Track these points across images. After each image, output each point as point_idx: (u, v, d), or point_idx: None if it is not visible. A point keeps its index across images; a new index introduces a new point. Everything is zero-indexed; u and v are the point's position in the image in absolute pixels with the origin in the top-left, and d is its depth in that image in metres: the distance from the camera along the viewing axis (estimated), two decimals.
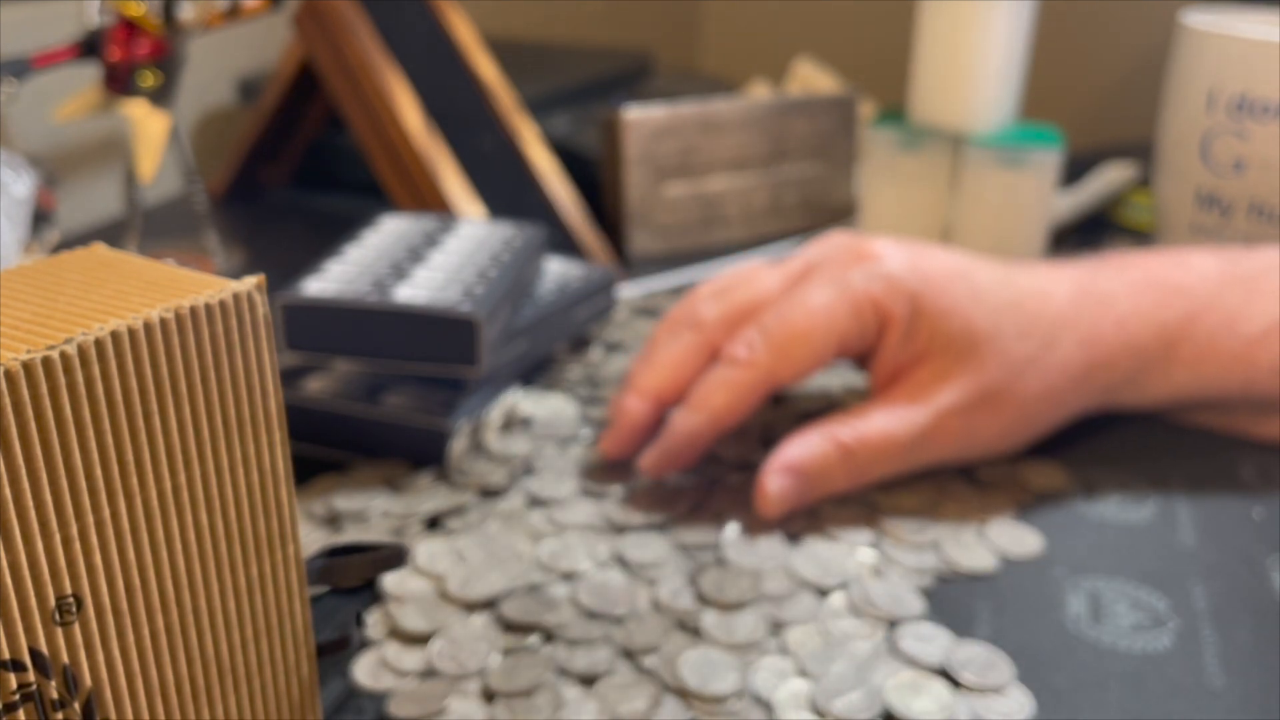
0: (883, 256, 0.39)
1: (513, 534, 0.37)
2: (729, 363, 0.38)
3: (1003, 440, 0.40)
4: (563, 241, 0.57)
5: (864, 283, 0.38)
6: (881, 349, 0.39)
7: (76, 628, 0.20)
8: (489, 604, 0.33)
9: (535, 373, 0.47)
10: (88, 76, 0.56)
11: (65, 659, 0.20)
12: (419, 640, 0.32)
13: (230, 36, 0.72)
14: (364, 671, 0.31)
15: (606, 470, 0.40)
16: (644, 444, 0.40)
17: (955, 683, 0.30)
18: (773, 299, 0.40)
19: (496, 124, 0.60)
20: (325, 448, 0.41)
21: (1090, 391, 0.40)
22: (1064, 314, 0.39)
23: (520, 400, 0.45)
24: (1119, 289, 0.40)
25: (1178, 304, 0.40)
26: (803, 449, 0.37)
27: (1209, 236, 0.56)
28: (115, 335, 0.20)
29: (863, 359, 0.41)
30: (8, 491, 0.19)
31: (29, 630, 0.19)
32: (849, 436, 0.38)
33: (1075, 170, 0.71)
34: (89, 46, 0.52)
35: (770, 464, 0.37)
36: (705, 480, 0.40)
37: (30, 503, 0.19)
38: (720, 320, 0.40)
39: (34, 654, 0.20)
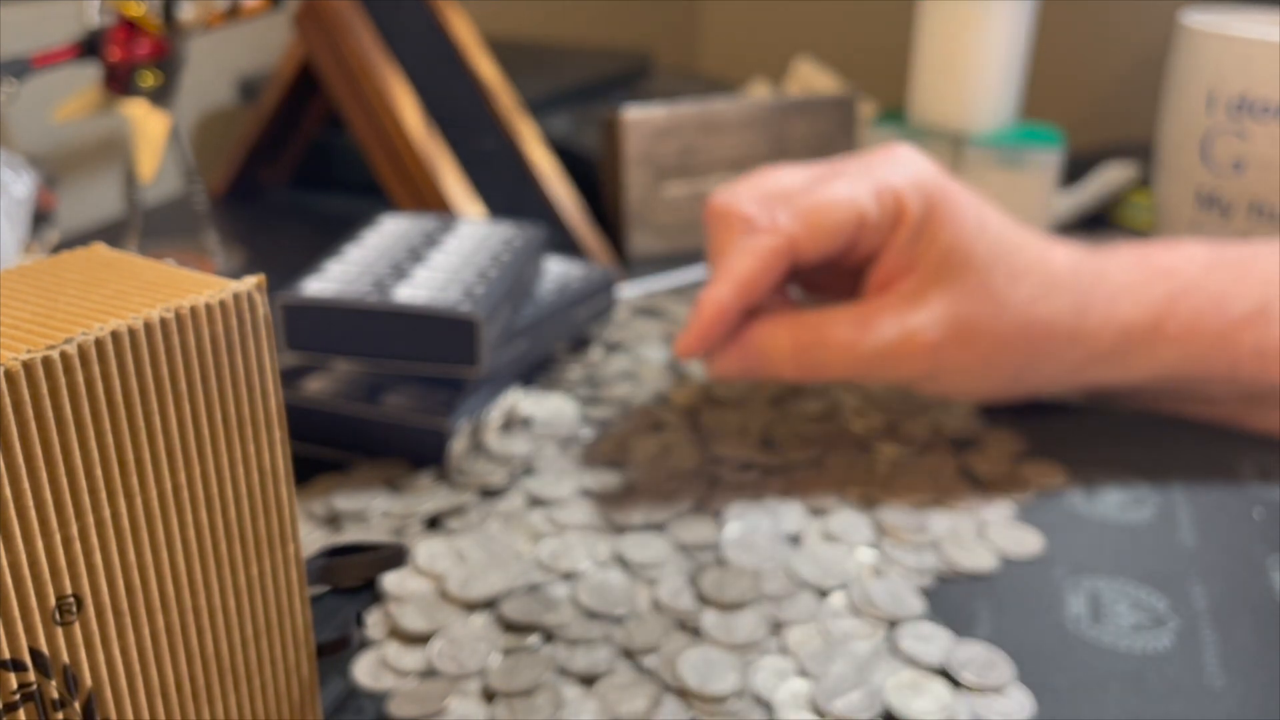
0: (912, 160, 0.41)
1: (513, 534, 0.37)
2: (753, 232, 0.39)
3: (969, 378, 0.40)
4: (563, 241, 0.57)
5: (889, 174, 0.40)
6: (887, 248, 0.40)
7: (76, 628, 0.20)
8: (489, 604, 0.33)
9: (535, 373, 0.47)
10: (88, 76, 0.56)
11: (65, 659, 0.20)
12: (419, 640, 0.32)
13: (230, 36, 0.72)
14: (364, 671, 0.31)
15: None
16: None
17: (955, 683, 0.30)
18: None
19: (496, 124, 0.60)
20: (325, 448, 0.41)
21: (1072, 360, 0.41)
22: (1059, 276, 0.40)
23: (520, 400, 0.45)
24: (1111, 266, 0.41)
25: (1166, 283, 0.40)
26: (764, 335, 0.40)
27: (1209, 236, 0.56)
28: (115, 335, 0.20)
29: (865, 262, 0.41)
30: (8, 491, 0.19)
31: (29, 630, 0.19)
32: (810, 338, 0.39)
33: (1075, 170, 0.71)
34: (89, 46, 0.52)
35: (733, 339, 0.40)
36: (705, 480, 0.40)
37: (30, 503, 0.19)
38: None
39: (34, 654, 0.20)
